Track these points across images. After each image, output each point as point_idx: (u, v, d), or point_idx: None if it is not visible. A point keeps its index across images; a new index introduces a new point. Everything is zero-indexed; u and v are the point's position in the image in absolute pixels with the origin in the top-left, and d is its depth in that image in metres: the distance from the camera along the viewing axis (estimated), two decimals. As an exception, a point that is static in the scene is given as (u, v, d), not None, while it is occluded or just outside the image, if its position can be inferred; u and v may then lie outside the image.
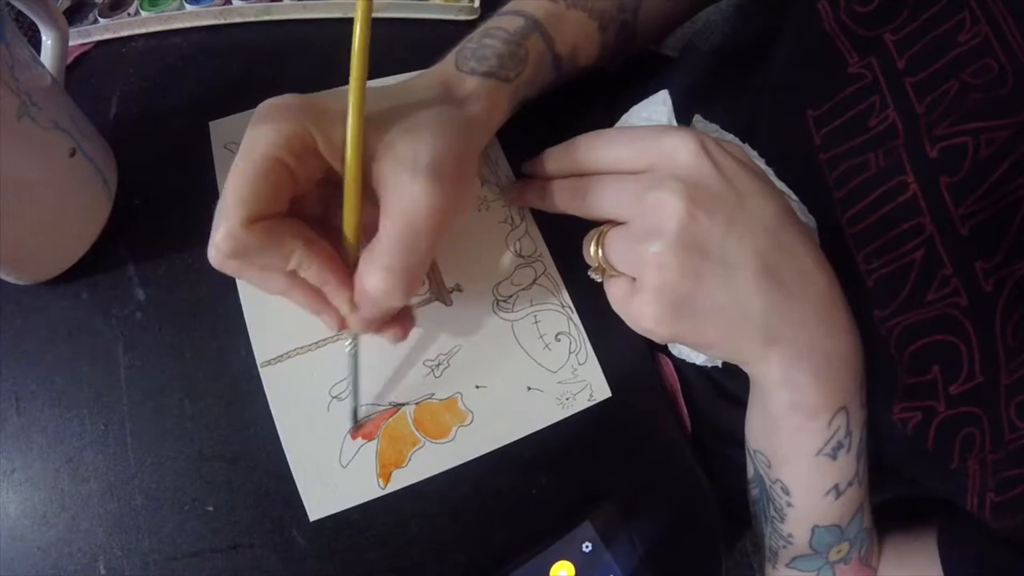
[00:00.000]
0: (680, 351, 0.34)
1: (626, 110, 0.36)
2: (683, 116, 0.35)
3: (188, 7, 0.41)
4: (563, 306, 0.35)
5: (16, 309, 0.34)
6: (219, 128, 0.37)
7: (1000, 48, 0.26)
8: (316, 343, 0.33)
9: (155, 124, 0.38)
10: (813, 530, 0.30)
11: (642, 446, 0.34)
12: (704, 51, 0.45)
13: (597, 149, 0.29)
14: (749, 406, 0.31)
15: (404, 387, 0.33)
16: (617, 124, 0.36)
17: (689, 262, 0.25)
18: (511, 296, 0.35)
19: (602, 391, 0.34)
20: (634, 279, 0.26)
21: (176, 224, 0.35)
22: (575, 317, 0.35)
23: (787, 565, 0.33)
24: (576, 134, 0.31)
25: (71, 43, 0.38)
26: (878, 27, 0.30)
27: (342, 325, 0.28)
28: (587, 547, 0.30)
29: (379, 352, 0.33)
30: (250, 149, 0.24)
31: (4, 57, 0.28)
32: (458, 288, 0.34)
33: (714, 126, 0.33)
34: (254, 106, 0.26)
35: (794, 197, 0.29)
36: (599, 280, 0.28)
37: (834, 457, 0.28)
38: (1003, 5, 0.26)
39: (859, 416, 0.28)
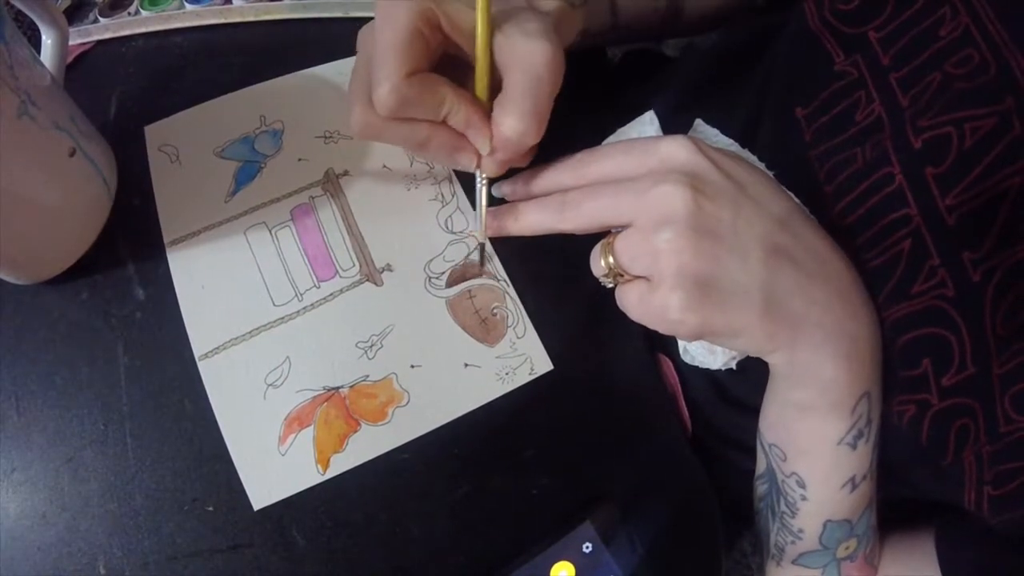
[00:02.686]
0: (694, 356, 0.33)
1: (623, 111, 0.35)
2: (683, 116, 0.35)
3: (188, 7, 0.41)
4: (498, 280, 0.34)
5: (16, 309, 0.34)
6: (153, 131, 0.38)
7: (981, 38, 0.26)
8: (251, 332, 0.33)
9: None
10: (825, 525, 0.30)
11: (642, 446, 0.34)
12: (703, 51, 0.45)
13: (595, 162, 0.29)
14: (766, 398, 0.31)
15: (337, 370, 0.32)
16: (604, 143, 0.35)
17: (703, 244, 0.25)
18: (443, 273, 0.34)
19: (543, 364, 0.33)
20: (648, 280, 0.26)
21: (176, 224, 0.35)
22: (511, 291, 0.34)
23: (793, 562, 0.33)
24: (576, 133, 0.31)
25: (71, 42, 0.38)
26: (862, 25, 0.30)
27: (478, 163, 0.30)
28: (587, 547, 0.30)
29: (310, 336, 0.33)
30: (392, 19, 0.27)
31: (4, 56, 0.28)
32: (388, 268, 0.34)
33: (714, 130, 0.34)
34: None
35: (796, 199, 0.29)
36: (611, 286, 0.28)
37: (854, 447, 0.28)
38: None
39: (879, 403, 0.28)
